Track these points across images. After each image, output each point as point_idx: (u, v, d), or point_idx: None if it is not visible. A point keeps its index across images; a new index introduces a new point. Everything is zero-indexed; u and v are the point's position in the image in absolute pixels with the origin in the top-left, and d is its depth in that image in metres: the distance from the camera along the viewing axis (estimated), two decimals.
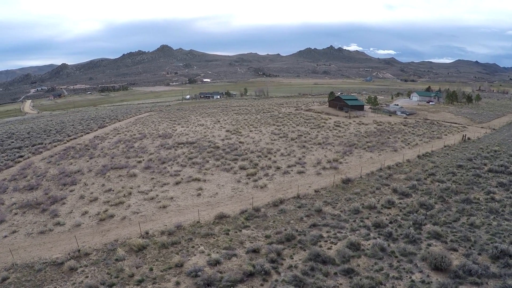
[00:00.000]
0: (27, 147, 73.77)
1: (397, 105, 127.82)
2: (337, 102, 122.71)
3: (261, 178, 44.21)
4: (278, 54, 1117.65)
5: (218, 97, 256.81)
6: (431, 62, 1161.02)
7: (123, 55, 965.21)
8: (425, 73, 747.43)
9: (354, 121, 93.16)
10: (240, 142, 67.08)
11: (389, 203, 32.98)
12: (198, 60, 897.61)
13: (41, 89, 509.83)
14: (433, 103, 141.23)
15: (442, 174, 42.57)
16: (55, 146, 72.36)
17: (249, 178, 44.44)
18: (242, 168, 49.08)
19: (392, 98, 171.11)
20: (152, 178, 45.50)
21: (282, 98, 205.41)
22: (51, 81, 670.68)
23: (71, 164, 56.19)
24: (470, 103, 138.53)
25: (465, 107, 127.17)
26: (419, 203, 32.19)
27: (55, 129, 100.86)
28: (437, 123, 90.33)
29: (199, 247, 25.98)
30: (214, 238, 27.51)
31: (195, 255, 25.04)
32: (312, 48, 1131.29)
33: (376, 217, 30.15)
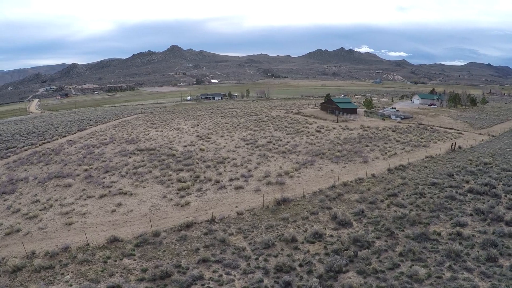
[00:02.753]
0: (1, 150, 72.27)
1: (394, 108, 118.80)
2: (329, 105, 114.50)
3: (191, 194, 38.92)
4: (288, 55, 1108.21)
5: (219, 98, 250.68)
6: (442, 64, 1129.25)
7: (133, 55, 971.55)
8: (436, 75, 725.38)
9: (340, 126, 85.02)
10: (200, 149, 61.81)
11: (315, 236, 25.35)
12: (207, 61, 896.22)
13: (50, 88, 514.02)
14: (435, 106, 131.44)
15: (407, 195, 34.38)
16: (26, 150, 70.47)
17: (177, 193, 39.34)
18: (179, 180, 43.91)
19: (392, 101, 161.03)
20: (83, 190, 42.43)
21: (281, 100, 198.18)
22: (61, 80, 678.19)
23: (25, 170, 54.10)
24: (475, 107, 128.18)
25: (468, 111, 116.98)
26: (353, 238, 24.33)
27: (39, 131, 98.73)
28: (431, 128, 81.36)
29: (67, 274, 23.27)
30: (89, 265, 24.37)
31: (58, 283, 22.38)
32: (323, 50, 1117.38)
33: (288, 255, 22.89)
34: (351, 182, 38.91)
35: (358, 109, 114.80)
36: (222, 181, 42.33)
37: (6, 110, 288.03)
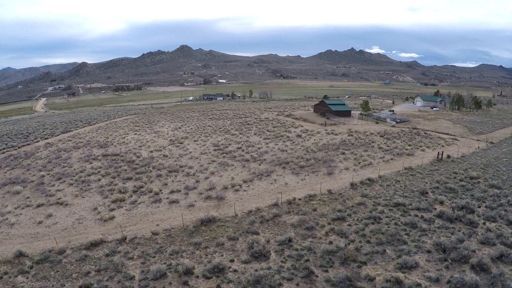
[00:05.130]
0: None
1: (392, 111, 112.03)
2: (321, 107, 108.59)
3: (122, 207, 35.50)
4: (299, 56, 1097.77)
5: (221, 99, 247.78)
6: (454, 66, 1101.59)
7: (143, 54, 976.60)
8: (447, 77, 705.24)
9: (326, 130, 79.33)
10: (164, 156, 59.03)
11: (215, 270, 20.70)
12: (217, 61, 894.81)
13: (58, 87, 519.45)
14: (438, 109, 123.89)
15: (357, 220, 28.68)
16: (4, 153, 69.81)
17: (109, 206, 36.09)
18: (120, 191, 40.57)
19: (393, 103, 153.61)
20: (27, 198, 40.93)
21: (282, 101, 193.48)
22: (71, 79, 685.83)
23: None
24: (479, 110, 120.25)
25: (471, 114, 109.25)
26: (256, 277, 19.08)
27: (28, 132, 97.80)
28: (424, 133, 74.83)
29: None
30: None
31: None
32: (333, 50, 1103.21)
33: None
34: (300, 199, 33.44)
35: (353, 112, 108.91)
36: (162, 193, 38.50)
37: (12, 108, 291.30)
